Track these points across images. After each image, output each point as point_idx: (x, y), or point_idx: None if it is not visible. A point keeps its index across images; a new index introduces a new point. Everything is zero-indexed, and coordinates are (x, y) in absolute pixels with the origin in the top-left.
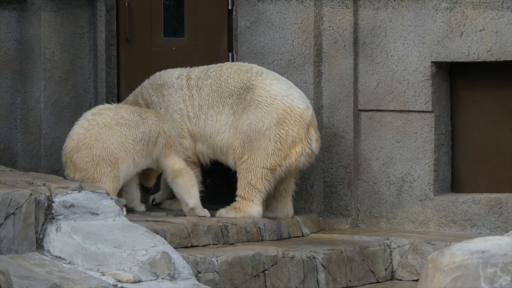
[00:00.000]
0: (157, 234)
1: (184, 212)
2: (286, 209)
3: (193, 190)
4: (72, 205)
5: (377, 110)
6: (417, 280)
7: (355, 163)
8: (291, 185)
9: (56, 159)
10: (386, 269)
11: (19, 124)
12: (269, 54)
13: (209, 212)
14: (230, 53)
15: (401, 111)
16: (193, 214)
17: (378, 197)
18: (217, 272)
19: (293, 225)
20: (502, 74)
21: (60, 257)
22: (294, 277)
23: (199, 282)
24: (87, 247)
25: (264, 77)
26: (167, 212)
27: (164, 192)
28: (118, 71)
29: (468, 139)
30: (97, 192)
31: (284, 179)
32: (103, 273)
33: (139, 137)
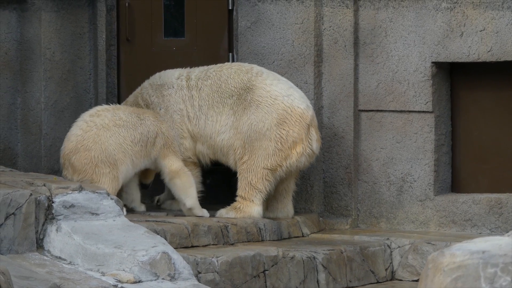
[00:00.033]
0: (157, 234)
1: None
2: (286, 209)
3: (190, 191)
4: (72, 205)
5: (378, 111)
6: (417, 281)
7: (355, 163)
8: (291, 185)
9: (56, 159)
10: (386, 269)
11: (20, 125)
12: (270, 54)
13: (210, 213)
14: (230, 53)
15: (401, 111)
16: (191, 214)
17: (378, 197)
18: (217, 272)
19: (293, 225)
20: (503, 74)
21: (60, 257)
22: (294, 277)
23: (199, 282)
24: (87, 247)
25: (264, 77)
26: (167, 212)
27: (169, 193)
28: (119, 71)
29: (468, 139)
30: (97, 192)
31: (284, 179)
32: (103, 274)
33: (137, 138)
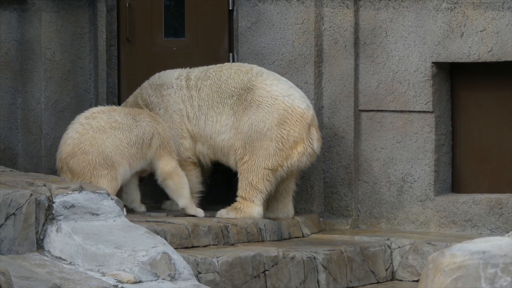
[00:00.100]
0: (158, 234)
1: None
2: (286, 210)
3: (182, 191)
4: (72, 206)
5: (378, 111)
6: (417, 281)
7: (355, 163)
8: (292, 186)
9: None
10: (386, 270)
11: (20, 125)
12: (270, 55)
13: (210, 213)
14: (230, 54)
15: (401, 111)
16: (185, 213)
17: (379, 197)
18: (218, 273)
19: (294, 226)
20: (503, 74)
21: (60, 258)
22: (294, 277)
23: (200, 282)
24: (87, 247)
25: (264, 77)
26: (168, 212)
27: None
28: (119, 71)
29: (468, 139)
30: (97, 192)
31: (284, 180)
32: (103, 274)
33: (133, 140)
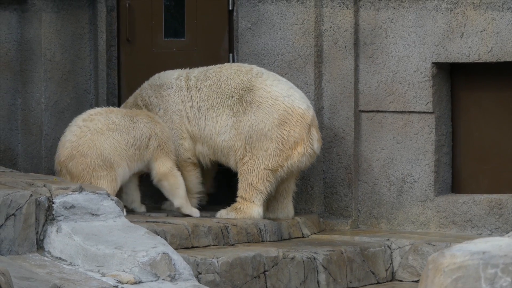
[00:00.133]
0: (158, 235)
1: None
2: (286, 210)
3: (178, 191)
4: (72, 206)
5: (378, 111)
6: (417, 281)
7: (355, 164)
8: (292, 186)
9: None
10: (386, 270)
11: (20, 125)
12: (270, 55)
13: (210, 213)
14: (230, 54)
15: (401, 112)
16: (181, 212)
17: (379, 198)
18: (218, 273)
19: (294, 226)
20: (503, 75)
21: (60, 258)
22: (294, 278)
23: (200, 283)
24: (87, 248)
25: (264, 78)
26: (168, 213)
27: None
28: (119, 72)
29: (468, 140)
30: (97, 193)
31: (284, 180)
32: (103, 274)
33: (130, 142)
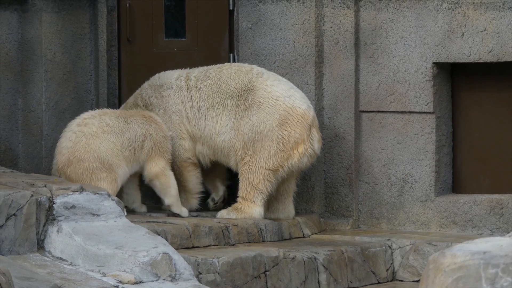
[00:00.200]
0: (158, 235)
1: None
2: (287, 210)
3: (169, 190)
4: (73, 206)
5: (378, 111)
6: (418, 281)
7: (356, 164)
8: (292, 186)
9: None
10: (387, 270)
11: (20, 126)
12: (270, 55)
13: (211, 213)
14: (231, 54)
15: (402, 112)
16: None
17: (379, 198)
18: (218, 273)
19: (294, 226)
20: (503, 75)
21: (61, 258)
22: (295, 278)
23: (200, 283)
24: (88, 248)
25: (265, 78)
26: (168, 213)
27: (219, 190)
28: (119, 72)
29: (469, 140)
30: (98, 193)
31: (285, 180)
32: (104, 274)
33: (125, 143)
